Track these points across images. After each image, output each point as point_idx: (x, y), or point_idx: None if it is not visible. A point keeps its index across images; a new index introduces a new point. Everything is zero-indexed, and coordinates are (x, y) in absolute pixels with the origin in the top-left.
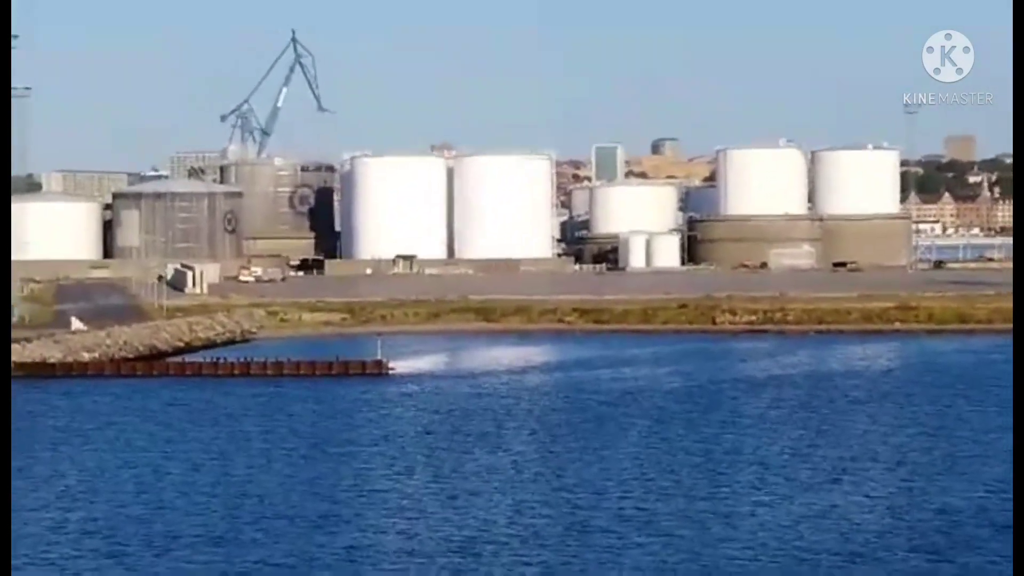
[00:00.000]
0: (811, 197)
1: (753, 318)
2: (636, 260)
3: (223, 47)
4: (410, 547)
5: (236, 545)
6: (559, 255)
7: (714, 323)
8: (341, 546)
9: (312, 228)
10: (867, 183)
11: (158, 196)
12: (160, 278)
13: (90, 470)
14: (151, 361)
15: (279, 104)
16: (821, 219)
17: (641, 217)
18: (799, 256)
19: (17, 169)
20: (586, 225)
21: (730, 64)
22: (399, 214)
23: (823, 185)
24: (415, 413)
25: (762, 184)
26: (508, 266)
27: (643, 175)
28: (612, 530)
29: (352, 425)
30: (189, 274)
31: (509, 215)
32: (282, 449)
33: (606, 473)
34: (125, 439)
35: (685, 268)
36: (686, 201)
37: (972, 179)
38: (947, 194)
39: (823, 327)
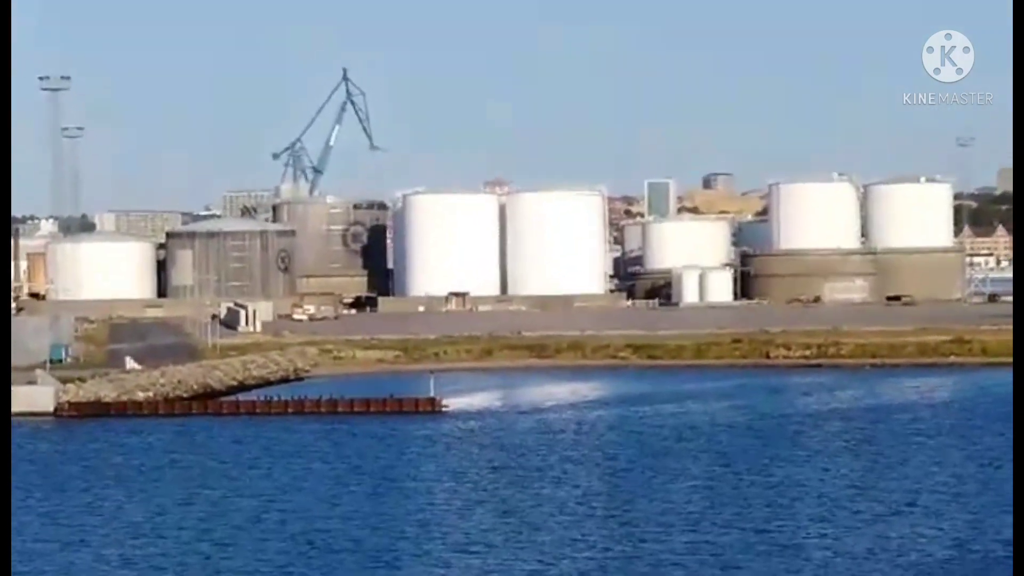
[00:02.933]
0: (864, 231)
1: (807, 352)
2: (689, 295)
3: (275, 86)
4: None
5: None
6: (612, 291)
7: (768, 357)
8: None
9: (365, 266)
10: (920, 216)
11: (211, 235)
12: (214, 317)
13: (155, 507)
14: (205, 400)
15: (331, 142)
16: (874, 253)
17: (694, 252)
18: (853, 290)
19: (71, 210)
20: (639, 260)
21: (781, 98)
22: (452, 251)
23: (876, 219)
24: (472, 450)
25: (815, 218)
26: (561, 302)
27: (695, 210)
28: (679, 564)
29: (411, 462)
30: (242, 313)
31: (562, 251)
32: (344, 486)
33: (671, 507)
34: (187, 477)
35: (738, 303)
36: (739, 236)
37: None
38: (1001, 227)
39: (878, 361)
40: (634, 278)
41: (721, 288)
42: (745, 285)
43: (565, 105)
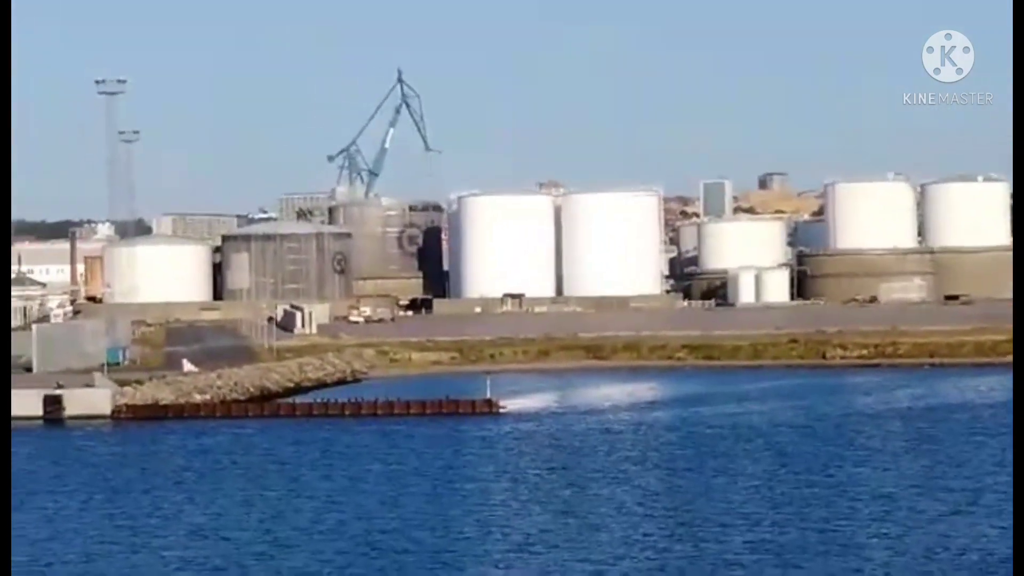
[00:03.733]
0: (921, 230)
1: (864, 352)
2: (745, 295)
3: (330, 89)
4: None
5: None
6: (668, 291)
7: (825, 358)
8: None
9: (420, 268)
10: (977, 215)
11: (267, 238)
12: (270, 319)
13: (216, 509)
14: (262, 402)
15: (386, 144)
16: (932, 252)
17: (750, 252)
18: (910, 290)
19: (127, 213)
20: (695, 261)
21: (836, 98)
22: (507, 253)
23: (933, 218)
24: (530, 450)
25: (871, 218)
26: (617, 303)
27: (751, 210)
28: (739, 563)
29: (469, 463)
30: (298, 315)
31: (617, 252)
32: (402, 487)
33: (730, 507)
34: (246, 478)
35: (795, 303)
36: (795, 236)
37: None
38: None
39: (936, 360)
40: (690, 278)
41: (777, 288)
42: (801, 285)
43: (620, 105)
